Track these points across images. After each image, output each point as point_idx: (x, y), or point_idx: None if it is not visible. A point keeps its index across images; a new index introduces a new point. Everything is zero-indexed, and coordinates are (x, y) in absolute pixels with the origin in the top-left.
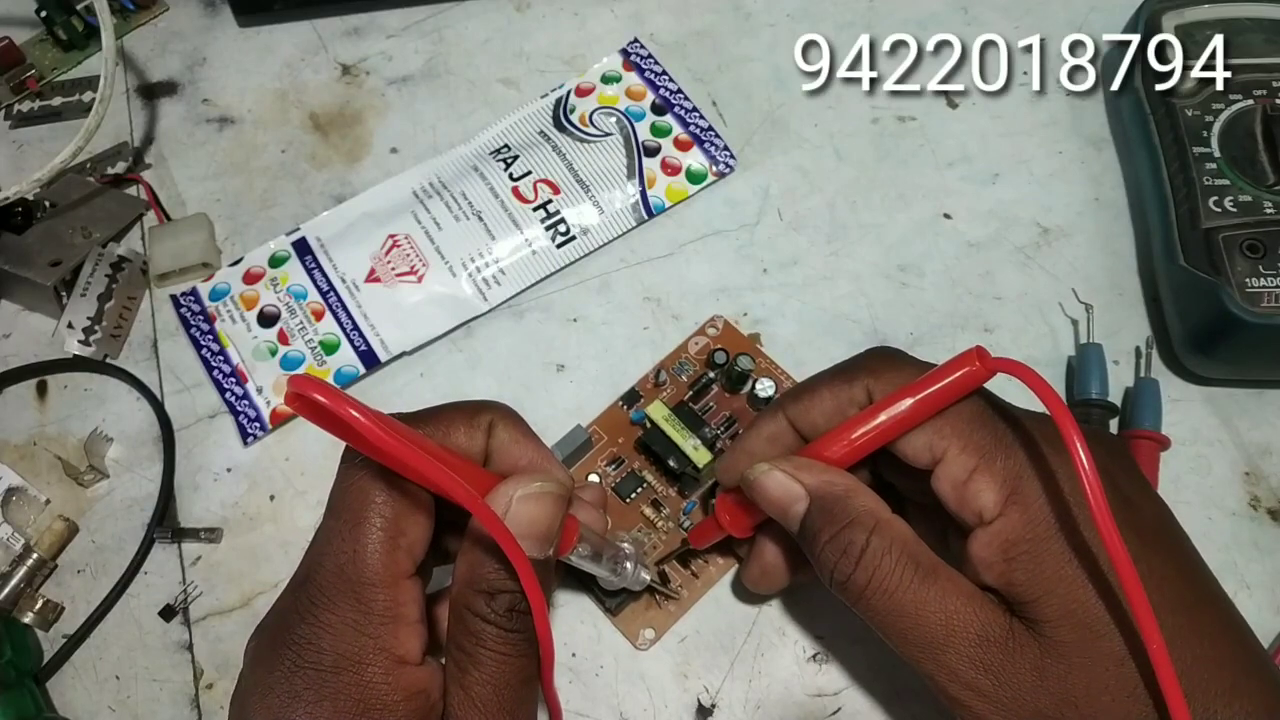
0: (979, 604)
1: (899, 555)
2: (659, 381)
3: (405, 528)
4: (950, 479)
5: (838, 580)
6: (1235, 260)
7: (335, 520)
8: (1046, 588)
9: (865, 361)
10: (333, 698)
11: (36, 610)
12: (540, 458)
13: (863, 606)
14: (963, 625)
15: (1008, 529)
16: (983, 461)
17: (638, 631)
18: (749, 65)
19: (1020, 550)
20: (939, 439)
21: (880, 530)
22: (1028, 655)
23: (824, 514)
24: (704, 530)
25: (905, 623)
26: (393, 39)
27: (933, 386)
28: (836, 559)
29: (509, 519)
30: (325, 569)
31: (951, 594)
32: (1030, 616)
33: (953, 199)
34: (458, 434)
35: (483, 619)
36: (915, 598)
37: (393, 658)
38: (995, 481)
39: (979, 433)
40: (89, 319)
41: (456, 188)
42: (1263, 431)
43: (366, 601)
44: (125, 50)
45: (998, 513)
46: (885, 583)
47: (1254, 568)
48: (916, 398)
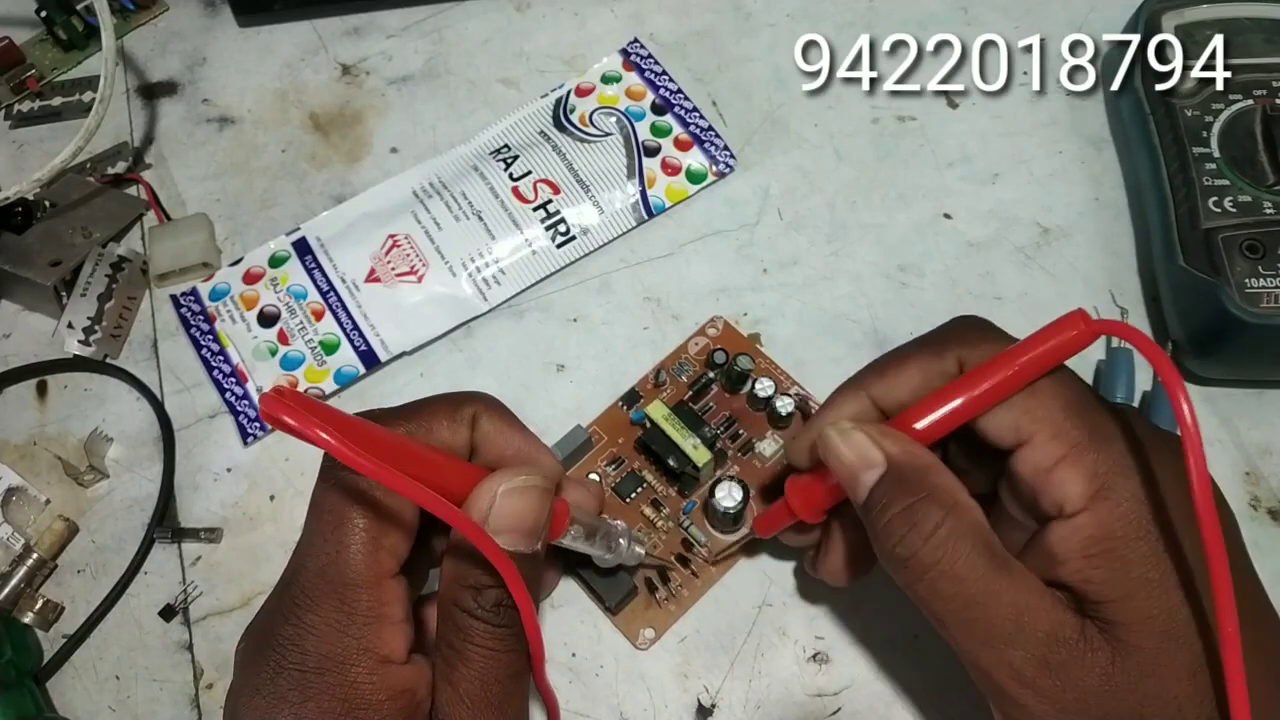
0: (1050, 601)
1: (974, 540)
2: (659, 382)
3: (387, 528)
4: (1034, 464)
5: (899, 555)
6: (1235, 260)
7: (317, 521)
8: (1128, 590)
9: (955, 332)
10: (317, 698)
11: (36, 610)
12: (527, 446)
13: (923, 588)
14: (1033, 621)
15: (1092, 524)
16: (1073, 451)
17: (638, 631)
18: (749, 65)
19: (1104, 548)
20: (1028, 421)
21: (958, 511)
22: (1098, 658)
23: (899, 483)
24: (772, 517)
25: (971, 612)
26: (393, 39)
27: (1031, 352)
28: (904, 532)
29: (494, 514)
30: (308, 570)
31: (1024, 587)
32: (1106, 618)
33: (953, 199)
34: (440, 429)
35: (470, 615)
36: (987, 588)
37: (377, 657)
38: (1084, 474)
39: (1071, 420)
40: (89, 319)
41: (456, 188)
42: (1263, 431)
43: (349, 602)
44: (125, 50)
45: (1082, 506)
46: (956, 567)
47: (1254, 567)
48: (1014, 365)
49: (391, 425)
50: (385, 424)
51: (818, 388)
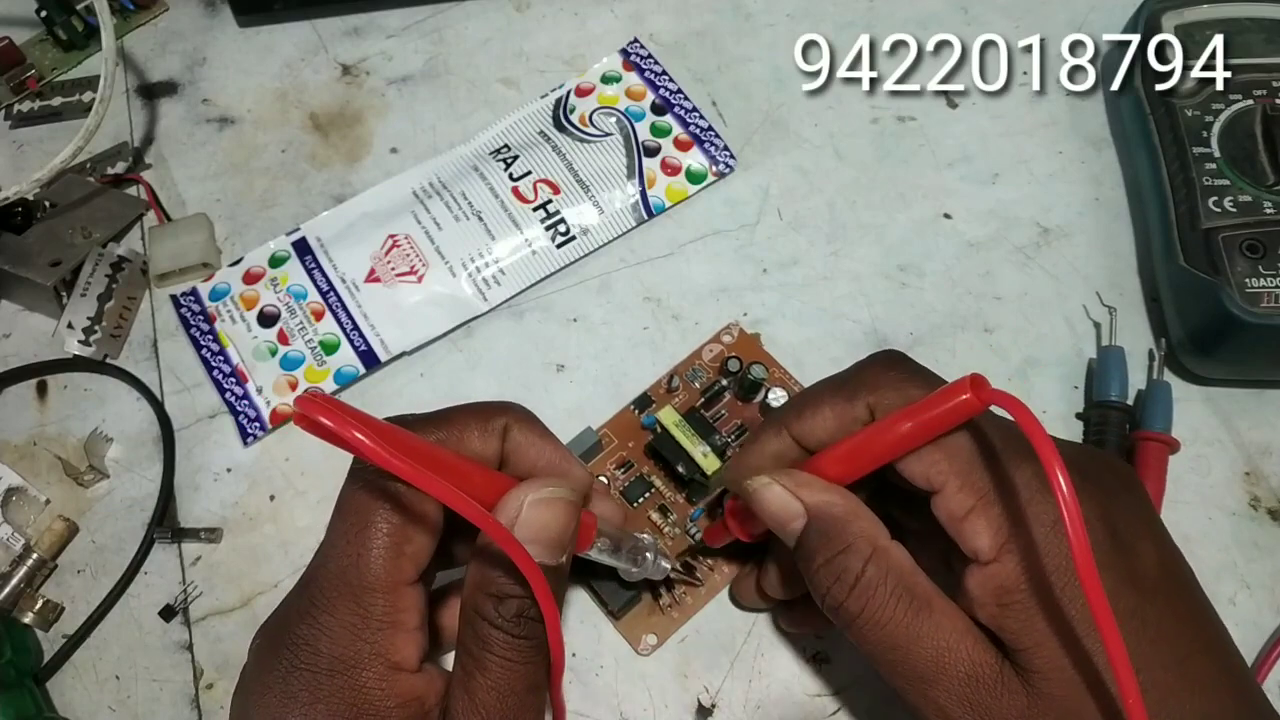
0: (971, 641)
1: (894, 586)
2: (671, 387)
3: (411, 534)
4: (948, 512)
5: (830, 605)
6: (1235, 260)
7: (341, 523)
8: (1037, 639)
9: (867, 375)
10: (327, 700)
11: (36, 610)
12: (558, 458)
13: (854, 634)
14: (953, 662)
15: (1001, 575)
16: (980, 503)
17: (640, 637)
18: (749, 65)
19: (1013, 599)
20: (936, 472)
21: (877, 559)
22: (1016, 701)
23: (821, 536)
24: (716, 531)
25: (895, 655)
26: (393, 39)
27: (926, 414)
28: (830, 584)
29: (520, 524)
30: (327, 571)
31: (945, 629)
32: (1020, 664)
33: (953, 199)
34: (471, 438)
35: (490, 624)
36: (907, 631)
37: (388, 663)
38: (991, 526)
39: (977, 471)
40: (89, 319)
41: (456, 188)
42: (1263, 431)
43: (366, 606)
44: (125, 50)
45: (992, 557)
46: (878, 615)
47: (1254, 568)
48: (911, 423)
49: (422, 432)
50: (416, 431)
51: None
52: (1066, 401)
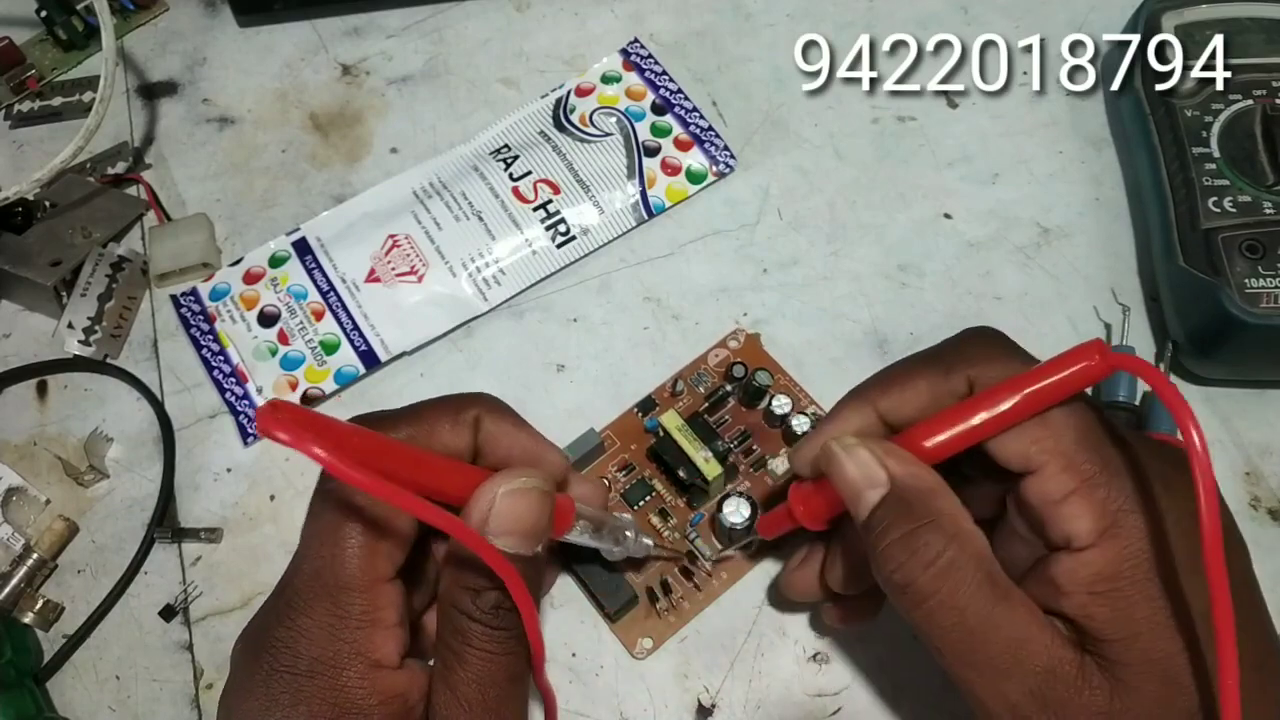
0: (1050, 635)
1: (975, 571)
2: (676, 391)
3: (383, 532)
4: (1044, 494)
5: (897, 581)
6: (1235, 260)
7: (314, 526)
8: (1132, 630)
9: (965, 348)
10: (308, 701)
11: (36, 610)
12: (533, 445)
13: (920, 616)
14: (1031, 654)
15: (1099, 562)
16: (1083, 486)
17: (636, 640)
18: (749, 65)
19: (1110, 587)
20: (1038, 451)
21: (960, 540)
22: (1096, 697)
23: (902, 506)
24: (775, 519)
25: (969, 643)
26: (393, 39)
27: (1044, 381)
28: (904, 559)
29: (494, 517)
30: (302, 573)
31: (1024, 621)
32: (1106, 656)
33: (953, 199)
34: (443, 432)
35: (469, 617)
36: (986, 619)
37: (368, 661)
38: (1094, 510)
39: (1083, 454)
40: (89, 319)
41: (456, 188)
42: (1263, 431)
43: (343, 605)
44: (125, 50)
45: (1090, 543)
46: (955, 598)
47: (1254, 568)
48: (1024, 393)
49: (393, 429)
50: (386, 428)
51: (817, 387)
52: None
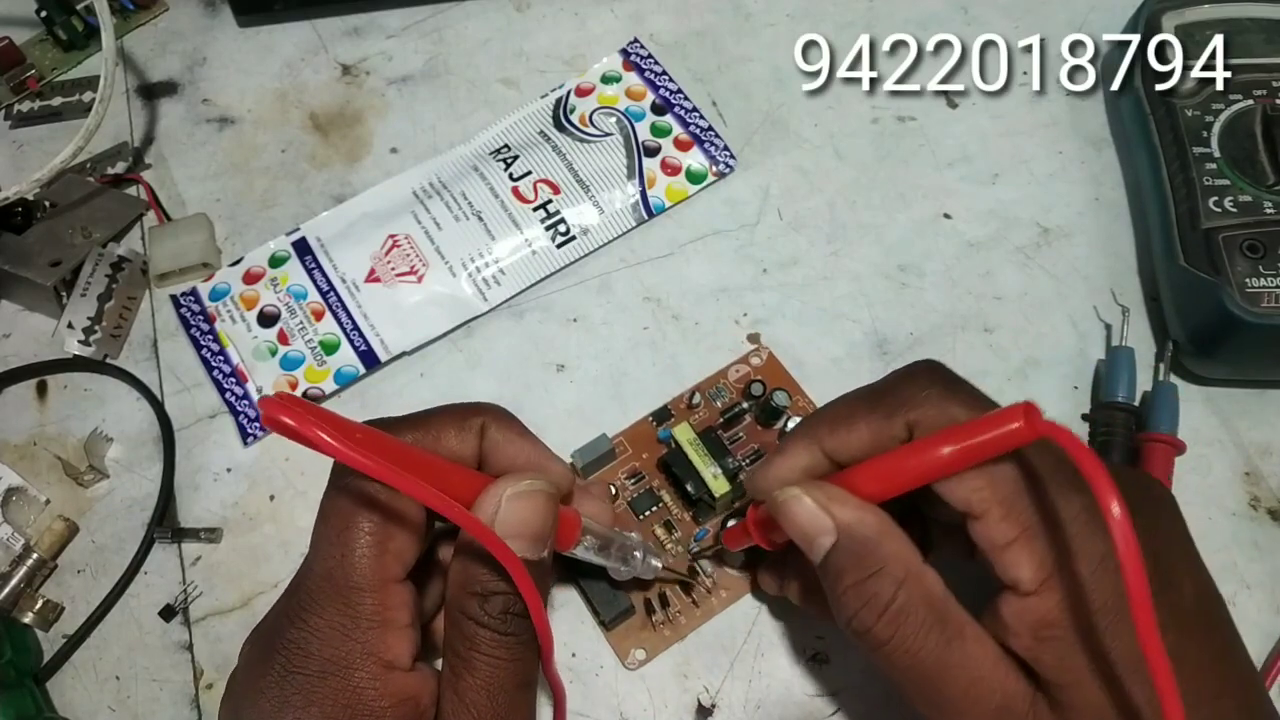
0: (1004, 672)
1: (926, 614)
2: (693, 403)
3: (394, 532)
4: (988, 539)
5: (856, 629)
6: (1235, 260)
7: (324, 526)
8: (1075, 677)
9: (906, 391)
10: (320, 703)
11: (36, 610)
12: (537, 455)
13: (880, 658)
14: (985, 693)
15: (1042, 608)
16: (1024, 534)
17: (628, 650)
18: (749, 65)
19: (1052, 633)
20: (979, 499)
21: (909, 584)
22: None
23: (851, 555)
24: (736, 534)
25: (926, 684)
26: (393, 39)
27: (972, 439)
28: (858, 607)
29: (499, 519)
30: (314, 574)
31: (977, 659)
32: (1054, 698)
33: (953, 199)
34: (449, 438)
35: (476, 622)
36: (939, 661)
37: (380, 662)
38: (1034, 558)
39: (1021, 501)
40: (89, 319)
41: (456, 188)
42: (1263, 431)
43: (354, 606)
44: (125, 50)
45: (1033, 589)
46: (909, 642)
47: (1254, 568)
48: (954, 448)
49: (398, 434)
50: (392, 432)
51: (817, 387)
52: (1067, 402)
